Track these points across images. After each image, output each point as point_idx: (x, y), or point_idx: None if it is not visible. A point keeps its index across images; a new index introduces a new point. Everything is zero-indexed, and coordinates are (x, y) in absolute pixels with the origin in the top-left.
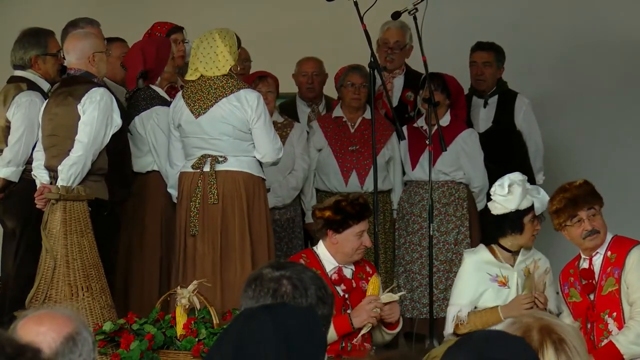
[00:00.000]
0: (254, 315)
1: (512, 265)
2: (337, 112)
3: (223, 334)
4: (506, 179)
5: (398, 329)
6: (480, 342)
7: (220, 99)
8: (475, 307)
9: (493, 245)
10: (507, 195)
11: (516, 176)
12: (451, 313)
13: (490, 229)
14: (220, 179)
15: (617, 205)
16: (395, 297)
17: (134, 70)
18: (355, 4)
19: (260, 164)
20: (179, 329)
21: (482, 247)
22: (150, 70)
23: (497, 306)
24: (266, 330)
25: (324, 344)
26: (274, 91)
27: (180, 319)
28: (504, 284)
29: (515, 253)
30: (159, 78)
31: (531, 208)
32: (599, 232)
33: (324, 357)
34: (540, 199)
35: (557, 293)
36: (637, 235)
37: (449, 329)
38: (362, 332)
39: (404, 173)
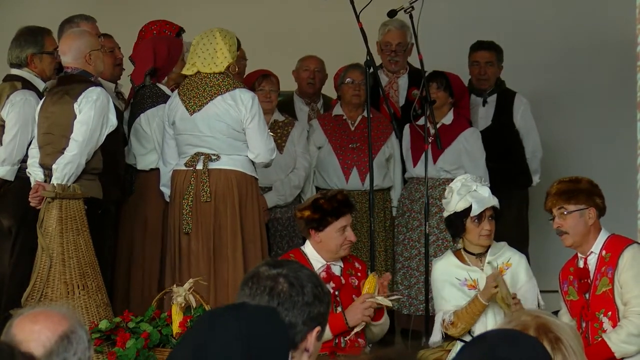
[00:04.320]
0: (217, 315)
1: (482, 268)
2: (337, 110)
3: (186, 334)
4: (452, 182)
5: (382, 320)
6: (493, 341)
7: (216, 97)
8: None
9: (460, 250)
10: (448, 198)
11: (458, 179)
12: (437, 321)
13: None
14: (213, 177)
15: (613, 203)
16: (389, 303)
17: (144, 65)
18: (351, 2)
19: (253, 163)
20: (175, 327)
21: (448, 252)
22: (159, 68)
23: (476, 295)
24: (229, 330)
25: (286, 343)
26: (276, 90)
27: (176, 317)
28: (474, 287)
29: (480, 255)
30: (166, 77)
31: (469, 210)
32: (567, 233)
33: (288, 357)
34: (480, 200)
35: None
36: (633, 234)
37: (436, 337)
38: (356, 330)
39: (404, 171)
